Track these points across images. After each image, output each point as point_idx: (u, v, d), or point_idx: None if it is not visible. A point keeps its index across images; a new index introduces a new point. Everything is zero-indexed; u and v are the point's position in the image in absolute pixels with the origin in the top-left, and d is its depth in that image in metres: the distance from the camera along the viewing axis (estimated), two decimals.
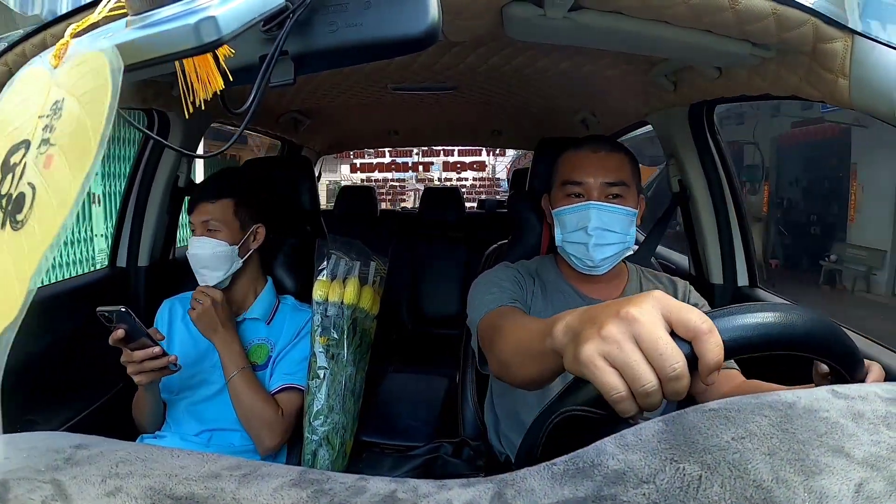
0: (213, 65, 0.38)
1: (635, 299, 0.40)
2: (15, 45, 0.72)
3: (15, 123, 0.37)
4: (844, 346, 0.44)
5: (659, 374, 0.37)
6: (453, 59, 1.19)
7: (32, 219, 0.33)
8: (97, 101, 0.32)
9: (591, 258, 0.91)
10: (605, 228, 0.89)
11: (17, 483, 0.30)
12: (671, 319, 0.39)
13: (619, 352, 0.38)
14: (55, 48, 0.39)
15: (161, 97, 1.18)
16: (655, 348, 0.37)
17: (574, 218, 0.92)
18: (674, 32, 0.73)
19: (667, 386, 0.37)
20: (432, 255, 2.52)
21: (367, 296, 1.21)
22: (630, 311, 0.39)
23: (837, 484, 0.26)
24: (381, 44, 0.38)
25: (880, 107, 0.61)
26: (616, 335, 0.39)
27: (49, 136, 0.34)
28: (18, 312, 0.31)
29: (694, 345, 0.38)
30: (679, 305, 0.39)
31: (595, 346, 0.39)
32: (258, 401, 1.07)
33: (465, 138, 3.50)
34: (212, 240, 1.10)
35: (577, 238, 0.91)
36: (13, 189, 0.34)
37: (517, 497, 0.29)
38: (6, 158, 0.35)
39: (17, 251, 0.32)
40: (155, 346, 0.95)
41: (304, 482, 0.31)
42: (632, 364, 0.38)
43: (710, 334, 0.37)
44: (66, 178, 0.32)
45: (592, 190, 0.91)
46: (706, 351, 0.37)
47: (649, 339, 0.38)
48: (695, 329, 0.38)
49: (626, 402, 0.38)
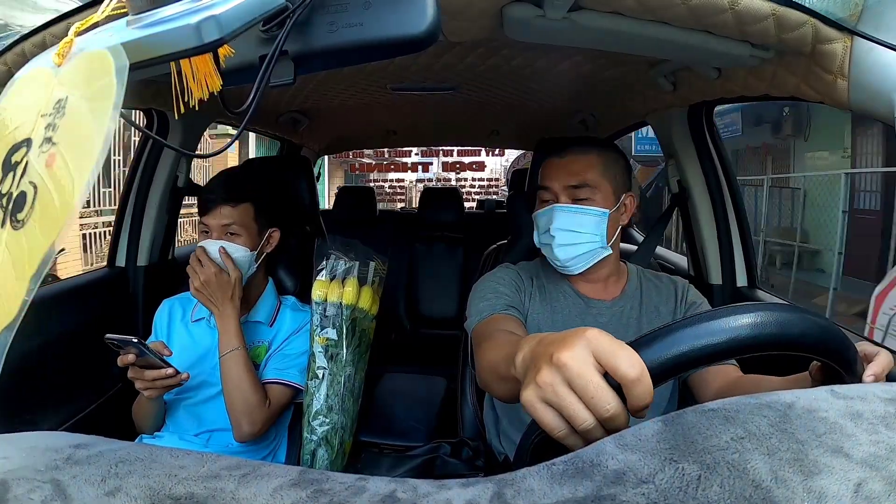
0: (212, 65, 0.38)
1: (568, 340, 0.42)
2: (14, 44, 0.72)
3: (17, 122, 0.36)
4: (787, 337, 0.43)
5: (594, 414, 0.39)
6: (453, 60, 1.19)
7: (33, 218, 0.32)
8: (102, 99, 0.32)
9: (556, 258, 0.94)
10: (567, 229, 0.93)
11: (17, 483, 0.30)
12: (602, 362, 0.40)
13: (553, 396, 0.40)
14: (59, 47, 0.38)
15: (160, 97, 1.18)
16: (586, 393, 0.39)
17: (543, 220, 0.96)
18: (673, 33, 0.73)
19: (605, 424, 0.39)
20: (431, 256, 2.52)
21: (367, 296, 1.21)
22: (560, 357, 0.41)
23: (836, 484, 0.26)
24: (381, 44, 0.38)
25: (879, 108, 0.61)
26: (549, 381, 0.41)
27: (52, 134, 0.34)
28: (18, 313, 0.31)
29: (624, 390, 0.39)
30: (609, 349, 0.40)
31: (533, 391, 0.42)
32: (246, 382, 1.05)
33: (464, 138, 3.50)
34: (231, 244, 1.09)
35: (545, 239, 0.96)
36: (14, 188, 0.34)
37: (517, 497, 0.29)
38: (7, 157, 0.35)
39: (18, 251, 0.32)
40: (168, 368, 0.94)
41: (304, 482, 0.31)
42: (566, 407, 0.40)
43: (638, 382, 0.38)
44: (69, 177, 0.32)
45: (559, 193, 0.94)
46: (634, 398, 0.39)
47: (579, 384, 0.39)
48: (622, 377, 0.39)
49: (570, 438, 0.40)
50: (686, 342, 0.41)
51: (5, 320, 0.31)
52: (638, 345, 0.41)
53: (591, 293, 0.99)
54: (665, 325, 0.43)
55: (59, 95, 0.35)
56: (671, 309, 0.98)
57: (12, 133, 0.36)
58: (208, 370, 1.13)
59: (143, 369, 0.94)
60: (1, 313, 0.32)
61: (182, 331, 1.18)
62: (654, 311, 0.98)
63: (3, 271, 0.33)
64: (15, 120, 0.37)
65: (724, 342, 0.41)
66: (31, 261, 0.31)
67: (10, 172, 0.35)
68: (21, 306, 0.31)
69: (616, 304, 0.98)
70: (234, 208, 1.10)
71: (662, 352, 0.41)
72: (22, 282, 0.31)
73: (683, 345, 0.41)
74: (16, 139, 0.35)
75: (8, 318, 0.31)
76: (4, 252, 0.33)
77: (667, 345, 0.41)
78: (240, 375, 1.05)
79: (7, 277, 0.32)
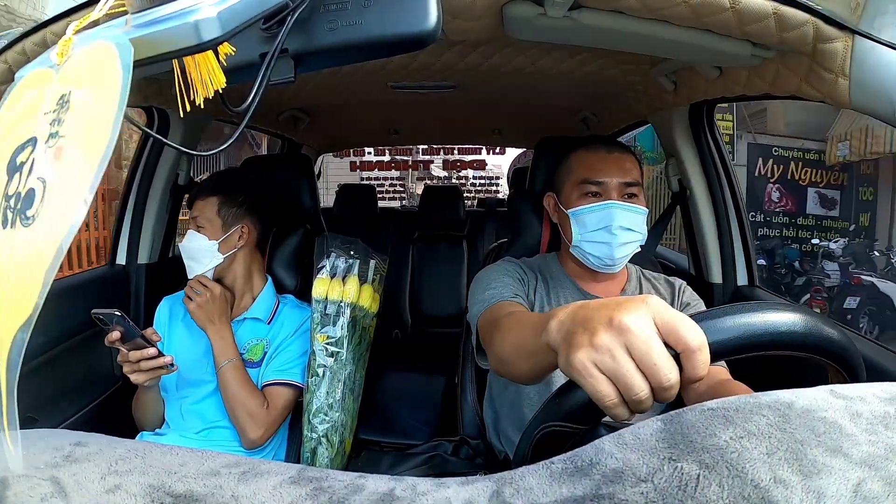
0: (215, 63, 0.38)
1: (629, 305, 0.40)
2: (15, 42, 0.72)
3: (19, 126, 0.36)
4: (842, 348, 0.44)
5: (651, 383, 0.38)
6: (453, 58, 1.19)
7: (45, 212, 0.32)
8: (108, 85, 0.32)
9: (611, 257, 0.91)
10: (627, 227, 0.91)
11: (17, 480, 0.30)
12: (664, 329, 0.39)
13: (611, 362, 0.38)
14: (59, 46, 0.38)
15: (161, 95, 1.18)
16: (649, 360, 0.38)
17: (595, 217, 0.92)
18: (674, 32, 0.73)
19: (658, 394, 0.38)
20: (432, 254, 2.52)
21: (367, 294, 1.21)
22: (623, 321, 0.39)
23: (835, 484, 0.26)
24: (381, 42, 0.38)
25: (880, 107, 0.61)
26: (608, 345, 0.39)
27: (58, 129, 0.34)
28: (33, 310, 0.31)
29: (682, 359, 0.38)
30: (672, 316, 0.39)
31: (587, 355, 0.39)
32: (244, 392, 1.08)
33: (465, 137, 3.50)
34: (196, 233, 1.16)
35: (599, 237, 0.92)
36: (21, 187, 0.34)
37: (516, 495, 0.29)
38: (12, 160, 0.35)
39: (30, 248, 0.32)
40: (150, 348, 0.96)
41: (303, 480, 0.31)
42: (624, 374, 0.38)
43: (699, 352, 0.38)
44: (80, 166, 0.32)
45: (611, 190, 0.92)
46: (692, 367, 0.38)
47: (642, 350, 0.38)
48: (685, 344, 0.38)
49: (619, 409, 0.39)
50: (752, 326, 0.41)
51: (22, 318, 0.31)
52: (699, 318, 0.41)
53: (595, 291, 0.99)
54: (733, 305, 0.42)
55: (62, 91, 0.35)
56: None
57: (16, 136, 0.36)
58: (208, 367, 1.13)
59: (128, 351, 0.96)
60: (17, 312, 0.31)
61: (182, 329, 1.19)
62: None
63: (15, 271, 0.32)
64: (17, 124, 0.37)
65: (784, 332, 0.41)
66: (44, 255, 0.31)
67: (16, 173, 0.35)
68: (37, 302, 0.31)
69: None
70: (202, 201, 1.17)
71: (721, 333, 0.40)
72: (35, 278, 0.31)
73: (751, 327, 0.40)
74: (19, 141, 0.35)
75: (24, 315, 0.31)
76: (15, 251, 0.33)
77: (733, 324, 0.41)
78: (237, 386, 1.08)
79: (20, 276, 0.32)
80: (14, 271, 0.33)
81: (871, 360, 0.85)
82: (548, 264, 1.03)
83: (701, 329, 0.39)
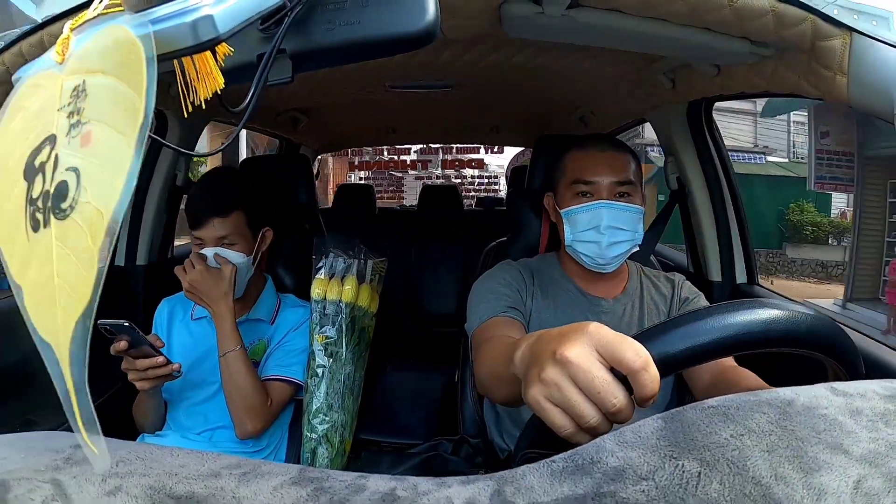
0: (213, 63, 0.38)
1: (570, 336, 0.41)
2: (12, 44, 0.71)
3: (29, 132, 0.36)
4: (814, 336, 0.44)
5: (601, 409, 0.39)
6: (451, 57, 1.19)
7: (83, 199, 0.31)
8: (129, 61, 0.32)
9: (602, 256, 0.91)
10: (616, 227, 0.90)
11: (17, 483, 0.30)
12: (605, 355, 0.40)
13: (559, 395, 0.40)
14: (56, 45, 0.38)
15: (158, 96, 1.18)
16: (592, 389, 0.39)
17: (585, 217, 0.92)
18: (672, 30, 0.73)
19: (612, 418, 0.39)
20: (431, 253, 2.52)
21: (366, 294, 1.21)
22: (563, 354, 0.40)
23: (836, 481, 0.26)
24: (379, 42, 0.38)
25: (878, 104, 0.61)
26: (554, 378, 0.40)
27: (78, 118, 0.33)
28: (93, 295, 0.30)
29: (630, 380, 0.39)
30: (611, 340, 0.40)
31: (539, 390, 0.41)
32: (246, 383, 1.05)
33: (463, 136, 3.50)
34: (231, 251, 1.07)
35: (589, 237, 0.92)
36: (49, 185, 0.33)
37: (517, 494, 0.29)
38: (29, 165, 0.34)
39: (75, 235, 0.31)
40: (158, 356, 0.93)
41: (304, 480, 0.31)
42: (573, 405, 0.39)
43: (644, 371, 0.38)
44: (115, 143, 0.31)
45: (602, 189, 0.91)
46: (640, 387, 0.38)
47: (584, 380, 0.39)
48: (628, 366, 0.39)
49: (577, 436, 0.40)
50: (692, 336, 0.41)
51: (81, 307, 0.30)
52: (642, 337, 0.41)
53: (595, 291, 0.99)
54: (677, 316, 0.43)
55: (74, 83, 0.34)
56: (668, 305, 0.99)
57: (28, 143, 0.35)
58: (209, 368, 1.13)
59: (135, 359, 0.93)
60: (76, 302, 0.30)
61: (182, 330, 1.18)
62: (654, 308, 0.98)
63: (63, 263, 0.31)
64: (25, 131, 0.36)
65: (731, 336, 0.41)
66: (92, 239, 0.30)
67: (37, 175, 0.34)
68: (95, 286, 0.30)
69: (618, 301, 0.98)
70: (226, 219, 1.07)
71: (668, 345, 0.41)
72: (88, 262, 0.30)
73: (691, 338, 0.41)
74: (34, 145, 0.35)
75: (83, 303, 0.30)
76: (60, 244, 0.32)
77: (672, 337, 0.41)
78: (239, 376, 1.05)
79: (69, 267, 0.31)
80: (61, 263, 0.31)
81: (872, 355, 0.85)
82: (548, 265, 1.03)
83: (644, 347, 0.39)
